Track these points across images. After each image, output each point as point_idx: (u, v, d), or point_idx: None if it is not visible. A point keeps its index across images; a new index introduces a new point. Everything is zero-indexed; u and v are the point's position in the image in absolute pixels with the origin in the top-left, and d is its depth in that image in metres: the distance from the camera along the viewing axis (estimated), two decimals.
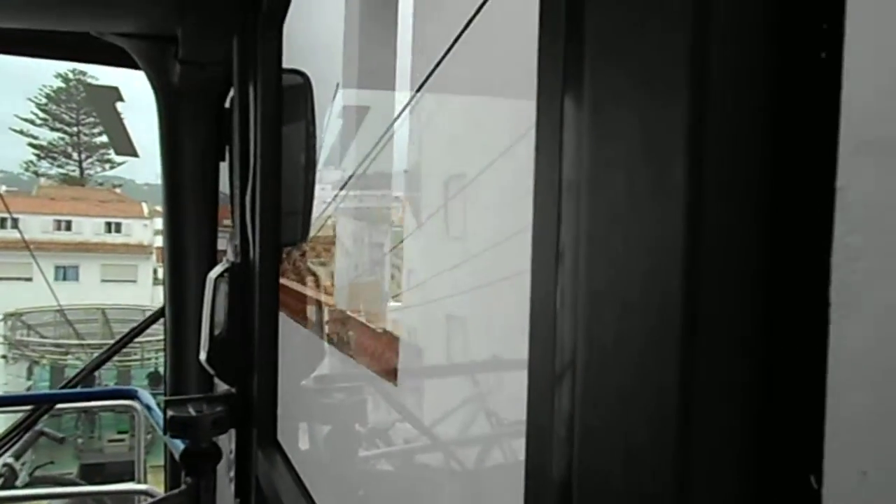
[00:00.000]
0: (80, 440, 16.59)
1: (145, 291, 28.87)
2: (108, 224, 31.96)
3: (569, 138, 0.42)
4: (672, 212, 0.34)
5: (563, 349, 0.42)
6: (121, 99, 1.82)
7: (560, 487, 0.42)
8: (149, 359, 20.16)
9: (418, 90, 1.44)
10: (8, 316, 17.82)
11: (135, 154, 1.90)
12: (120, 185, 50.77)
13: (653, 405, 0.36)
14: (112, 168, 51.51)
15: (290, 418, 1.56)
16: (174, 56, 1.62)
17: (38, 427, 4.09)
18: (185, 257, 1.80)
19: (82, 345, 18.93)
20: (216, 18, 1.48)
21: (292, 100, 1.47)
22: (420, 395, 1.59)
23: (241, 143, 1.45)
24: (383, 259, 1.78)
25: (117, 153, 1.90)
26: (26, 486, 4.97)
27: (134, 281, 30.54)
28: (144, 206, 34.51)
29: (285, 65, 1.49)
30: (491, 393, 1.33)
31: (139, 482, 3.67)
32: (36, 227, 28.90)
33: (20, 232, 21.56)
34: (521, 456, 0.48)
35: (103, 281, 29.73)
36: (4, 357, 19.19)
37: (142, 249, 31.60)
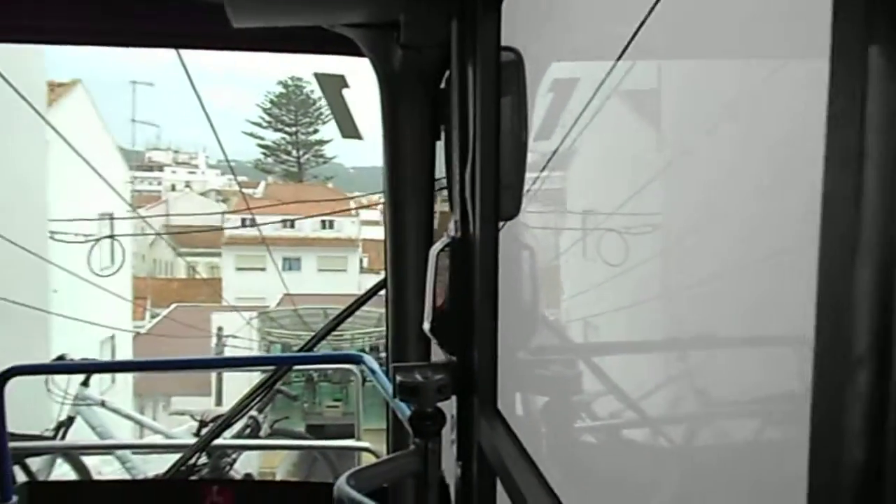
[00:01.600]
0: (305, 405, 17.98)
1: (353, 279, 30.52)
2: (323, 222, 33.86)
3: (873, 113, 0.34)
4: None
5: (856, 346, 0.35)
6: (346, 86, 1.77)
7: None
8: (356, 340, 21.88)
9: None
10: (260, 314, 20.07)
11: (359, 136, 1.85)
12: (332, 178, 54.02)
13: None
14: (325, 163, 55.02)
15: (509, 388, 1.44)
16: (396, 41, 1.57)
17: (276, 386, 4.26)
18: (404, 232, 1.75)
19: (308, 333, 20.78)
20: (437, 3, 1.39)
21: (506, 77, 1.34)
22: (640, 371, 1.40)
23: (461, 123, 1.35)
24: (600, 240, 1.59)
25: (344, 136, 1.87)
26: (268, 436, 5.26)
27: (344, 270, 32.27)
28: (352, 203, 36.55)
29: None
30: (716, 375, 1.13)
31: (358, 440, 3.75)
32: (268, 225, 31.12)
33: (259, 231, 23.48)
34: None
35: (319, 270, 31.78)
36: (266, 349, 21.92)
37: (350, 243, 33.40)
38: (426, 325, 1.40)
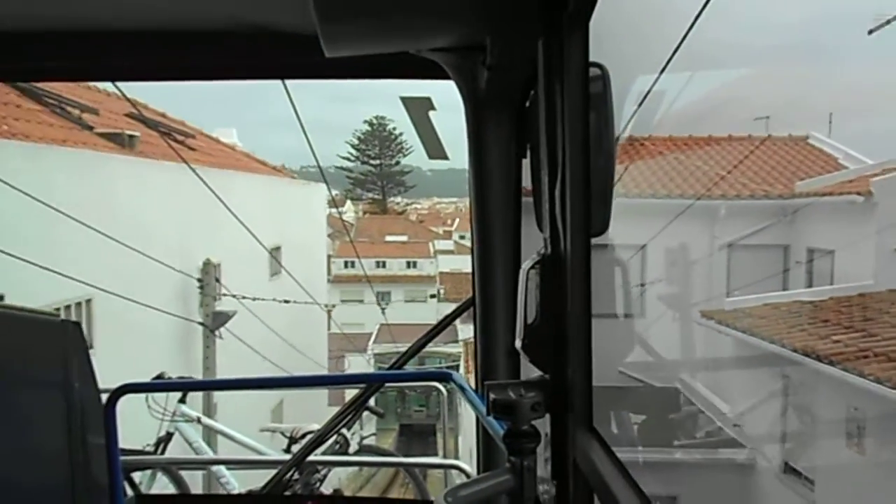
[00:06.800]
0: (398, 409, 23.89)
1: (432, 308, 33.82)
2: (408, 262, 39.71)
3: None
4: None
5: None
6: (433, 108, 1.69)
7: None
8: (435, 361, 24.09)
9: None
10: (375, 354, 23.01)
11: (445, 157, 1.76)
12: (412, 203, 58.03)
13: None
14: (406, 191, 59.42)
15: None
16: (482, 63, 1.51)
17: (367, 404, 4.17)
18: (492, 250, 1.68)
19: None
20: (523, 24, 1.33)
21: (593, 92, 1.24)
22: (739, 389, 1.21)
23: (549, 139, 1.27)
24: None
25: (430, 157, 1.81)
26: (355, 453, 5.14)
27: (424, 301, 36.42)
28: (431, 246, 41.58)
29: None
30: (822, 396, 0.93)
31: (445, 457, 3.59)
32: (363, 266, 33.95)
33: (364, 271, 27.19)
34: None
35: (406, 301, 36.26)
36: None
37: (430, 279, 38.46)
38: (518, 343, 1.29)
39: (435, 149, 1.75)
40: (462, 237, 47.96)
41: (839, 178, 9.01)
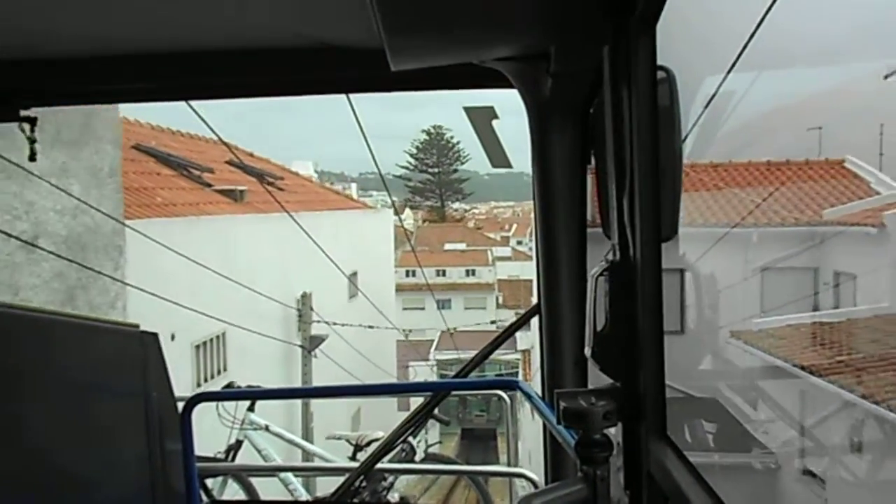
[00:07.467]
0: (459, 414, 25.33)
1: (491, 315, 34.61)
2: (467, 271, 40.79)
3: None
4: None
5: None
6: (496, 117, 1.68)
7: None
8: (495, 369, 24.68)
9: None
10: (438, 362, 24.46)
11: (509, 165, 1.76)
12: (470, 209, 59.39)
13: None
14: (464, 198, 60.67)
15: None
16: (545, 71, 1.49)
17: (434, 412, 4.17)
18: (557, 257, 1.67)
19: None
20: (588, 30, 1.31)
21: (660, 96, 1.22)
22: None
23: (616, 145, 1.24)
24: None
25: (494, 165, 1.81)
26: (422, 461, 5.15)
27: (483, 308, 37.50)
28: (489, 254, 42.59)
29: None
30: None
31: (509, 464, 3.56)
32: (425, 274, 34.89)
33: (426, 279, 29.01)
34: None
35: (465, 308, 37.35)
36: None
37: (488, 287, 39.65)
38: (587, 351, 1.28)
39: (498, 157, 1.74)
40: (519, 242, 48.04)
41: (863, 207, 9.56)
